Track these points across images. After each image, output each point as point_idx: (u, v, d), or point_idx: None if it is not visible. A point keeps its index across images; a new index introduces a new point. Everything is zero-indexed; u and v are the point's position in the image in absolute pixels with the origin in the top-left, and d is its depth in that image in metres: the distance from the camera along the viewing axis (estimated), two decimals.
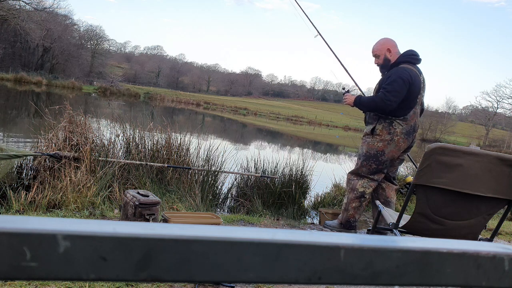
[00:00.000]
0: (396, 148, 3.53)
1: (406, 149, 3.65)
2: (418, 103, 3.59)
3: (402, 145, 3.53)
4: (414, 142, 3.66)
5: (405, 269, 0.34)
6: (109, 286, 2.08)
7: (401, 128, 3.49)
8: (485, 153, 2.30)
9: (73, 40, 58.46)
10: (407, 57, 3.57)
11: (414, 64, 3.55)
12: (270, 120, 47.76)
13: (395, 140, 3.50)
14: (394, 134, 3.50)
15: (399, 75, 3.43)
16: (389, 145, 3.52)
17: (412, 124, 3.55)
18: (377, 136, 3.55)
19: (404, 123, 3.50)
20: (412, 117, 3.53)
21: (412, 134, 3.59)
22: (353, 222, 3.71)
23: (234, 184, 4.96)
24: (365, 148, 3.60)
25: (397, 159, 3.69)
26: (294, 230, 0.34)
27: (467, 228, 2.48)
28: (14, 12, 38.56)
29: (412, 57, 3.57)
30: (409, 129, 3.53)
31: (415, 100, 3.51)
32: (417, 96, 3.51)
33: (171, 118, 8.58)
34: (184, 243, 0.30)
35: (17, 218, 0.29)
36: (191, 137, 4.89)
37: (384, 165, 3.58)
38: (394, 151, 3.53)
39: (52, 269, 0.28)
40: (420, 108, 3.66)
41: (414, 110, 3.55)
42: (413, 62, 3.55)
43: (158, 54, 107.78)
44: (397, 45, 3.67)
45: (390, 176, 3.77)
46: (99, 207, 3.47)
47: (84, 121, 4.35)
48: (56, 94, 29.17)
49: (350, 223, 3.71)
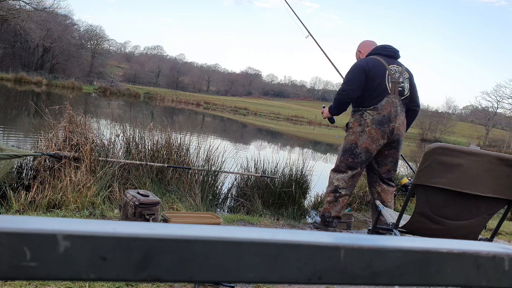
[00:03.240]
0: (369, 138, 3.47)
1: (390, 142, 3.52)
2: (394, 92, 3.49)
3: (375, 135, 3.46)
4: (396, 134, 3.50)
5: (405, 269, 0.34)
6: (109, 286, 2.08)
7: (371, 118, 3.46)
8: (485, 153, 2.30)
9: (73, 40, 58.46)
10: (376, 50, 3.64)
11: (384, 55, 3.57)
12: (270, 120, 47.76)
13: (367, 131, 3.47)
14: (365, 125, 3.48)
15: (354, 65, 3.55)
16: (361, 136, 3.50)
17: (386, 114, 3.45)
18: (350, 129, 3.59)
19: (375, 112, 3.46)
20: (385, 107, 3.45)
21: (388, 124, 3.46)
22: (328, 217, 3.66)
23: (234, 184, 4.96)
24: (343, 144, 3.65)
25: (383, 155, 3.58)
26: (294, 230, 0.34)
27: (467, 228, 2.48)
28: (14, 12, 38.54)
29: (380, 49, 3.62)
30: (381, 118, 3.45)
31: (381, 87, 3.46)
32: (383, 83, 3.46)
33: (171, 118, 8.59)
34: (184, 243, 0.30)
35: (17, 218, 0.29)
36: (191, 137, 4.89)
37: (360, 158, 3.54)
38: (367, 142, 3.48)
39: (52, 269, 0.28)
40: (405, 100, 3.56)
41: (388, 99, 3.47)
42: (382, 53, 3.59)
43: (158, 54, 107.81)
44: (372, 44, 3.74)
45: (384, 178, 3.68)
46: (99, 207, 3.47)
47: (84, 121, 4.35)
48: (56, 94, 29.17)
49: (325, 218, 3.68)
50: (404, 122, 3.56)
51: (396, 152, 3.62)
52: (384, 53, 3.61)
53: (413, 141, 42.40)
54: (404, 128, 3.58)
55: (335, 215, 3.68)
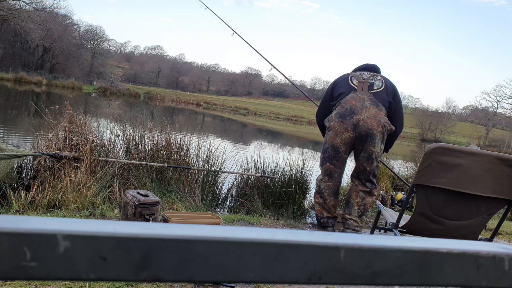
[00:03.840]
0: (333, 133, 3.55)
1: (360, 136, 3.50)
2: (362, 89, 3.53)
3: (338, 128, 3.51)
4: (363, 127, 3.46)
5: (405, 269, 0.34)
6: (109, 286, 2.08)
7: (335, 112, 3.56)
8: (485, 153, 2.30)
9: (73, 40, 58.45)
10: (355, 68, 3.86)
11: (356, 70, 3.79)
12: (270, 120, 47.75)
13: (331, 125, 3.57)
14: (330, 120, 3.59)
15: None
16: (328, 132, 3.63)
17: (349, 107, 3.49)
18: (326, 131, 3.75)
19: (338, 107, 3.55)
20: (349, 101, 3.52)
21: (351, 116, 3.46)
22: (322, 218, 3.71)
23: (234, 184, 4.95)
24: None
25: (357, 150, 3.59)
26: (294, 230, 0.34)
27: (467, 228, 2.48)
28: (14, 12, 38.53)
29: (358, 67, 3.84)
30: (343, 111, 3.50)
31: (346, 88, 3.59)
32: (348, 85, 3.60)
33: (171, 118, 8.58)
34: (184, 243, 0.30)
35: (17, 218, 0.29)
36: (191, 137, 4.89)
37: (327, 153, 3.63)
38: (333, 137, 3.56)
39: (52, 269, 0.28)
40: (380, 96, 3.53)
41: (354, 95, 3.53)
42: (356, 69, 3.80)
43: (158, 54, 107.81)
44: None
45: (360, 176, 3.69)
46: (99, 207, 3.47)
47: (84, 121, 4.35)
48: (56, 94, 29.17)
49: (319, 220, 3.76)
50: (377, 116, 3.47)
51: (369, 147, 3.54)
52: (356, 68, 3.82)
53: (413, 141, 42.40)
54: (377, 122, 3.46)
55: (327, 215, 3.72)
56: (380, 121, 3.48)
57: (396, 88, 3.67)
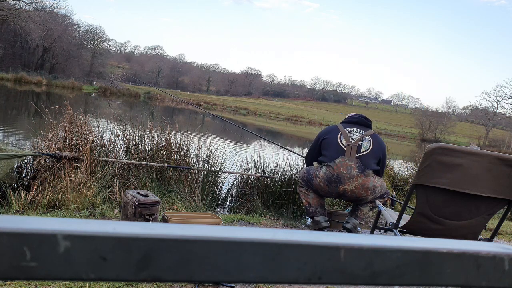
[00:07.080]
0: (318, 186, 3.64)
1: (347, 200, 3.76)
2: (350, 152, 3.55)
3: (323, 188, 3.60)
4: (351, 196, 3.57)
5: (405, 269, 0.34)
6: (109, 286, 2.08)
7: (323, 173, 3.60)
8: (485, 153, 2.30)
9: (73, 40, 58.45)
10: (344, 119, 3.92)
11: (347, 122, 3.82)
12: (270, 120, 47.75)
13: (317, 182, 3.62)
14: (318, 176, 3.63)
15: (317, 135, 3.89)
16: (315, 179, 3.66)
17: (335, 174, 3.52)
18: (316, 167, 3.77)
19: (327, 169, 3.58)
20: (337, 166, 3.53)
21: (337, 185, 3.52)
22: (309, 207, 3.77)
23: (234, 184, 4.95)
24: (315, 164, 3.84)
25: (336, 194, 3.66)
26: (294, 230, 0.34)
27: (467, 228, 2.48)
28: (14, 12, 38.53)
29: (348, 118, 3.90)
30: (330, 176, 3.54)
31: (334, 148, 3.61)
32: (337, 144, 3.61)
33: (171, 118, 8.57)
34: (184, 243, 0.30)
35: (17, 218, 0.29)
36: (191, 137, 4.89)
37: (309, 185, 3.74)
38: (318, 187, 3.65)
39: (52, 269, 0.28)
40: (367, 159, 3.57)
41: (342, 160, 3.53)
42: (346, 121, 3.85)
43: (158, 54, 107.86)
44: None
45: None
46: (99, 207, 3.47)
47: (84, 121, 4.35)
48: (56, 94, 29.17)
49: (307, 210, 3.81)
50: (364, 184, 3.52)
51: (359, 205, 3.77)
52: (347, 120, 3.85)
53: (413, 141, 42.39)
54: (365, 190, 3.54)
55: (313, 203, 3.76)
56: (369, 187, 3.56)
57: (384, 147, 3.76)
